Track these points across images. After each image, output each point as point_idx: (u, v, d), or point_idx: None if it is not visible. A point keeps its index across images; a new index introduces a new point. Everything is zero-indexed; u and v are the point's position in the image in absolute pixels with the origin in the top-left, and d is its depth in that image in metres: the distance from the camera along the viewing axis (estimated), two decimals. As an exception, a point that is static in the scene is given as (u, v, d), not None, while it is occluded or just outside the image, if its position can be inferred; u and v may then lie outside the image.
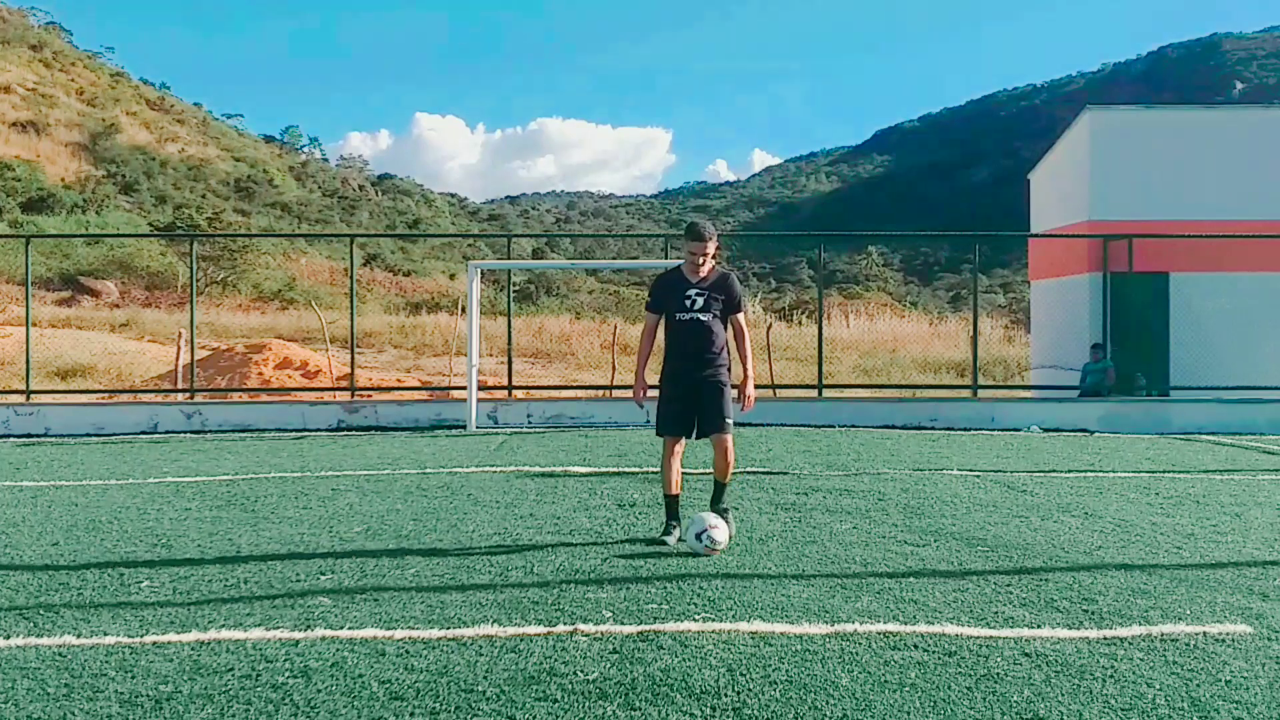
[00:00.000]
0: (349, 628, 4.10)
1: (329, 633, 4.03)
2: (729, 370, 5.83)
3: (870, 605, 4.45)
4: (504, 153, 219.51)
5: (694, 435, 5.81)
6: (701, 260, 5.75)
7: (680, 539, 5.64)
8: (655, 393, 5.97)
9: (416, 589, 4.75)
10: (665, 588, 4.73)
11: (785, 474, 8.54)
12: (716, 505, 5.88)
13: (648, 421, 13.71)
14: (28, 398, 14.27)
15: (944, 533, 6.09)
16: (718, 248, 5.88)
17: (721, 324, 5.82)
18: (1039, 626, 4.15)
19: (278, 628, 4.10)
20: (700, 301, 5.74)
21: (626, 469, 8.91)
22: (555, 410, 13.82)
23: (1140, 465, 9.57)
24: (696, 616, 4.25)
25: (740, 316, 5.88)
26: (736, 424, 5.94)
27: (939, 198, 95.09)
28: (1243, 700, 3.36)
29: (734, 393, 5.87)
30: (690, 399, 5.75)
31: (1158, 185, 17.27)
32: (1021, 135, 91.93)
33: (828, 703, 3.30)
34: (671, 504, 5.84)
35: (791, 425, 13.02)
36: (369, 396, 16.86)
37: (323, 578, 4.96)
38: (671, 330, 5.83)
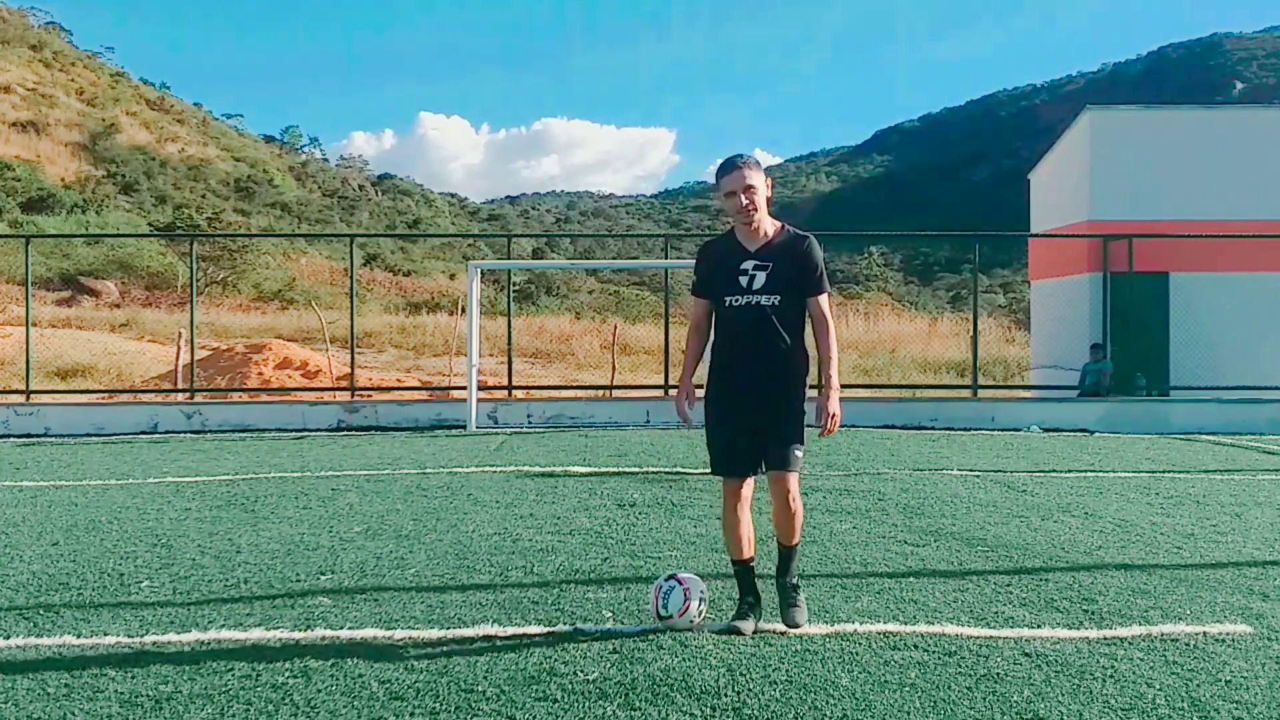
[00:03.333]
0: (349, 628, 4.10)
1: (329, 633, 4.03)
2: (805, 376, 4.10)
3: (870, 605, 4.44)
4: (508, 152, 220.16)
5: (761, 469, 4.20)
6: (744, 206, 4.00)
7: (755, 627, 4.03)
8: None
9: (416, 589, 4.75)
10: (665, 588, 4.73)
11: (785, 474, 8.52)
12: (782, 577, 4.22)
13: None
14: (28, 398, 14.27)
15: (944, 533, 6.08)
16: (770, 185, 4.09)
17: (796, 310, 4.06)
18: (1039, 626, 4.14)
19: (278, 628, 4.10)
20: (761, 279, 4.00)
21: (626, 469, 8.91)
22: (555, 410, 13.82)
23: (1140, 465, 9.57)
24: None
25: (822, 299, 4.07)
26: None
27: (939, 198, 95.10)
28: (1243, 700, 3.36)
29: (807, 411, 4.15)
30: (751, 419, 4.11)
31: (1158, 185, 17.28)
32: (1021, 135, 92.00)
33: (828, 703, 3.30)
34: (743, 574, 4.14)
35: (791, 425, 13.02)
36: (369, 396, 16.86)
37: (323, 578, 4.96)
38: (722, 321, 4.14)
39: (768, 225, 4.10)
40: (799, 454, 4.13)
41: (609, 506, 6.95)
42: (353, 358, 16.07)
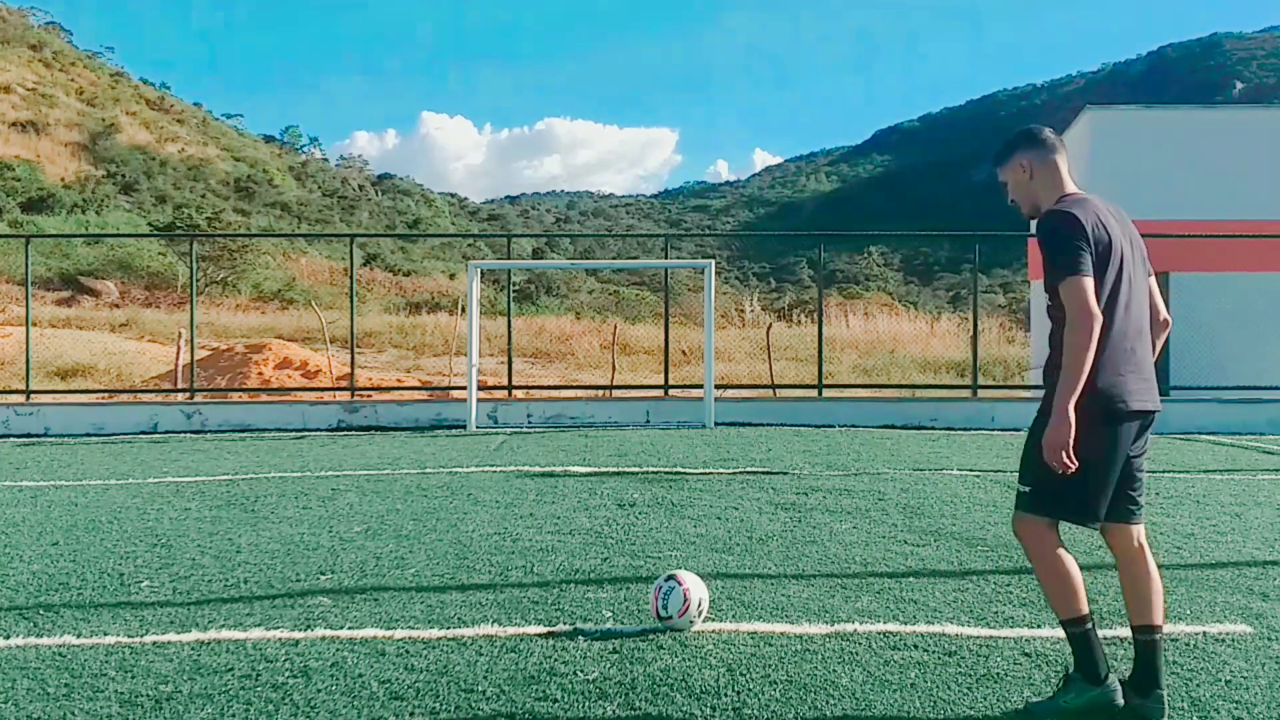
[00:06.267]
0: (349, 628, 4.10)
1: (329, 633, 4.03)
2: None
3: (870, 605, 4.44)
4: (510, 152, 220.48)
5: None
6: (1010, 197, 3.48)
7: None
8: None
9: (416, 589, 4.75)
10: (665, 588, 4.73)
11: (785, 474, 8.53)
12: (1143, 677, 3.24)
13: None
14: (28, 398, 14.27)
15: (944, 533, 6.08)
16: (1023, 172, 3.40)
17: (1058, 309, 3.16)
18: (1039, 626, 4.14)
19: (278, 628, 4.10)
20: None
21: (626, 469, 8.90)
22: (555, 410, 13.82)
23: (1140, 465, 9.56)
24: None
25: (1061, 288, 3.10)
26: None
27: (939, 198, 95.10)
28: (1243, 700, 3.36)
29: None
30: None
31: (1158, 185, 17.27)
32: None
33: (828, 703, 3.30)
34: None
35: (791, 425, 13.02)
36: (369, 396, 16.86)
37: (323, 578, 4.96)
38: None
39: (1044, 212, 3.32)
40: (1024, 491, 3.27)
41: (609, 506, 6.95)
42: (353, 358, 16.06)
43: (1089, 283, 3.07)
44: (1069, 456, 3.04)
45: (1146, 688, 3.18)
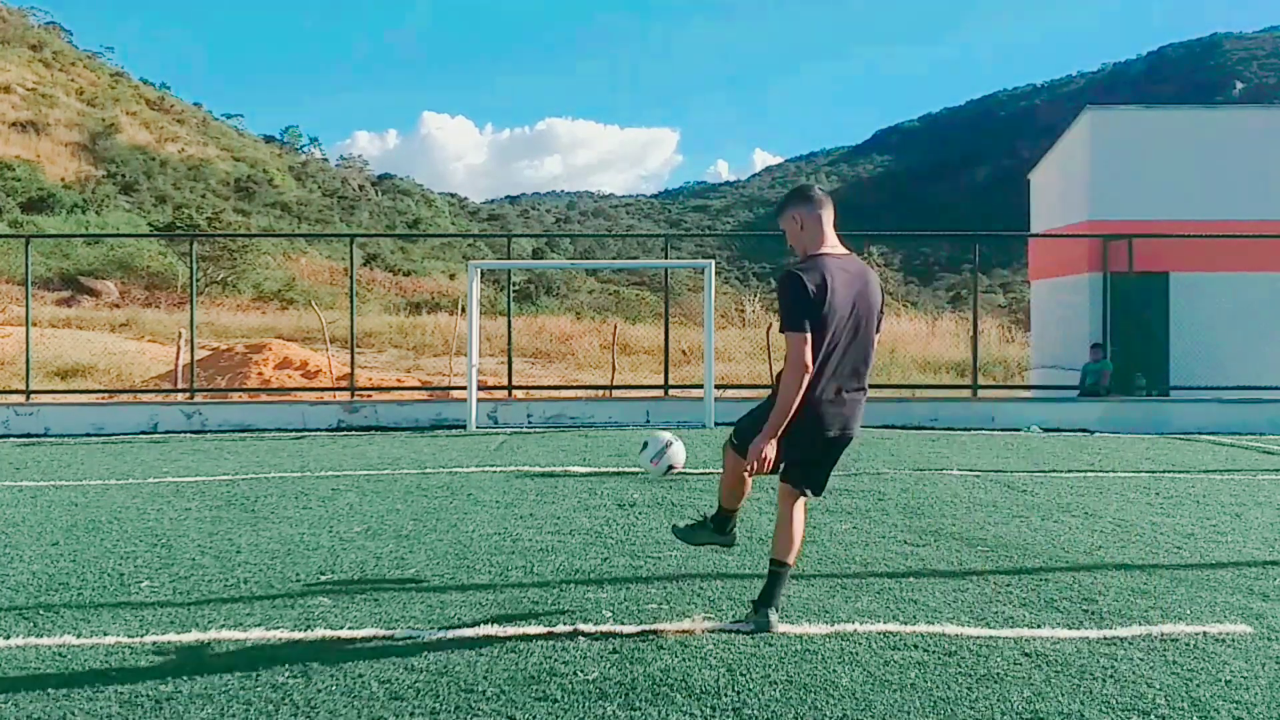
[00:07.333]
0: (349, 628, 4.10)
1: (329, 633, 4.03)
2: (770, 407, 3.96)
3: (870, 605, 4.44)
4: (511, 152, 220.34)
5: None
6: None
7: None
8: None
9: (416, 589, 4.75)
10: (665, 588, 4.73)
11: (785, 474, 8.52)
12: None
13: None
14: (28, 398, 14.27)
15: (944, 533, 6.08)
16: (795, 223, 4.04)
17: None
18: (1039, 626, 4.14)
19: (278, 628, 4.10)
20: None
21: (626, 469, 8.90)
22: (555, 410, 13.82)
23: (1140, 465, 9.56)
24: (696, 616, 4.24)
25: (785, 339, 3.88)
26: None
27: (939, 198, 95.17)
28: (1243, 700, 3.36)
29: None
30: None
31: (1158, 185, 17.28)
32: (1021, 135, 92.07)
33: (828, 703, 3.30)
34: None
35: (791, 425, 13.00)
36: (369, 396, 16.86)
37: (323, 578, 4.96)
38: None
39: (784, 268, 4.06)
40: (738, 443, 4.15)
41: (609, 506, 6.95)
42: (353, 358, 16.07)
43: (805, 339, 3.80)
44: (763, 465, 3.88)
45: (760, 606, 4.06)
